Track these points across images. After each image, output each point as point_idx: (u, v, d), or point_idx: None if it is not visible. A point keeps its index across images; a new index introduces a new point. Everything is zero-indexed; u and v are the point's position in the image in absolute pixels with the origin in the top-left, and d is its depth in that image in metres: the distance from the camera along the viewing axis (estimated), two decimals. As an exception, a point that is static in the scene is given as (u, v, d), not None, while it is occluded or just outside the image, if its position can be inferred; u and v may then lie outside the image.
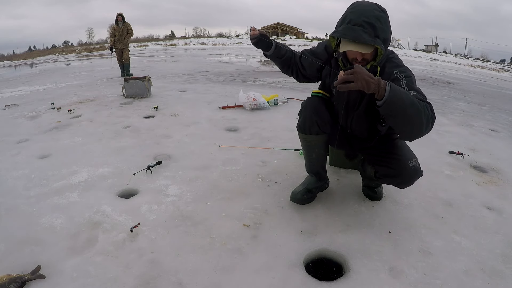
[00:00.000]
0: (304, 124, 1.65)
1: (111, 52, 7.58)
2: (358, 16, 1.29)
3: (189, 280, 1.24)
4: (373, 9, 1.31)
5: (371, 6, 1.33)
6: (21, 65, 15.56)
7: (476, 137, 3.16)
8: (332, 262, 1.38)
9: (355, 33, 1.27)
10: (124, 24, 7.08)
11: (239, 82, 6.25)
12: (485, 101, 5.77)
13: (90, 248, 1.41)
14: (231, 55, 15.30)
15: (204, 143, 2.66)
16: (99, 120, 3.44)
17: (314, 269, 1.33)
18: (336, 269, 1.34)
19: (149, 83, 4.68)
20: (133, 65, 8.50)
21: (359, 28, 1.27)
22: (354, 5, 1.35)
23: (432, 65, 16.77)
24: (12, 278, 1.18)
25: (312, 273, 1.30)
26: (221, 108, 3.86)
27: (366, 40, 1.26)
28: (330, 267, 1.35)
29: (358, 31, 1.27)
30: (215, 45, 28.43)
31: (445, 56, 29.36)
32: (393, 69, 1.40)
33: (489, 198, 1.91)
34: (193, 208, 1.72)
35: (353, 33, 1.27)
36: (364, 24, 1.28)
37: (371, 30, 1.28)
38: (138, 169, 2.12)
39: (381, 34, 1.30)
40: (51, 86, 6.40)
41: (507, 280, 1.26)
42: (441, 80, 8.81)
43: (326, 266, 1.36)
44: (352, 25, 1.28)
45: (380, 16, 1.31)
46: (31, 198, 1.83)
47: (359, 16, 1.29)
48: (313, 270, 1.33)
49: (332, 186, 1.93)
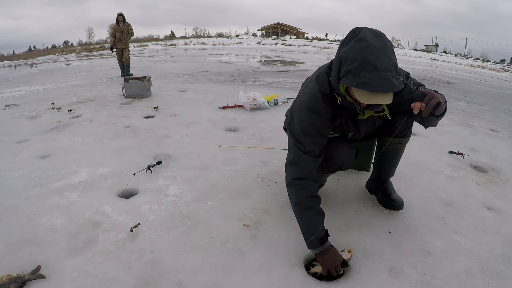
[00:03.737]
0: (330, 169, 1.51)
1: (111, 52, 7.58)
2: (381, 59, 1.07)
3: (189, 280, 1.24)
4: (387, 43, 1.11)
5: (383, 39, 1.11)
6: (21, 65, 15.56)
7: (476, 137, 3.16)
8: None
9: (388, 82, 1.06)
10: (125, 24, 7.08)
11: (239, 82, 6.25)
12: (485, 101, 5.77)
13: (90, 248, 1.41)
14: (231, 55, 15.30)
15: (204, 143, 2.66)
16: (99, 120, 3.44)
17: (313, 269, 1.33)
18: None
19: (149, 83, 4.68)
20: (133, 65, 8.50)
21: (388, 74, 1.06)
22: (366, 42, 1.09)
23: (432, 65, 16.77)
24: (12, 278, 1.18)
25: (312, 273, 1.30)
26: (221, 108, 3.86)
27: (399, 87, 1.08)
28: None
29: (389, 79, 1.06)
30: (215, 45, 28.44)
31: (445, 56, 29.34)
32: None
33: (489, 198, 1.91)
34: (193, 208, 1.72)
35: (386, 83, 1.06)
36: (391, 67, 1.07)
37: (395, 72, 1.09)
38: (138, 169, 2.12)
39: (398, 69, 1.18)
40: (51, 86, 6.40)
41: (507, 280, 1.26)
42: (441, 80, 8.81)
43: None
44: (379, 72, 1.06)
45: (392, 48, 1.13)
46: (31, 198, 1.83)
47: (382, 58, 1.07)
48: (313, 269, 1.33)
49: (332, 186, 1.93)
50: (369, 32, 1.12)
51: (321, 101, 1.29)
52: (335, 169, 1.55)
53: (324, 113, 1.30)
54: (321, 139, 1.33)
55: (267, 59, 13.77)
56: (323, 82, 1.30)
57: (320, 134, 1.32)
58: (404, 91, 1.34)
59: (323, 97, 1.30)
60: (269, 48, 24.32)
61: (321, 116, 1.30)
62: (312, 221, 1.29)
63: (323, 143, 1.35)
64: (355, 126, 1.44)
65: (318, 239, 1.26)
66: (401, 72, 1.37)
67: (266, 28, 47.47)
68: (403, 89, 1.34)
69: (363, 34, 1.11)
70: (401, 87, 1.09)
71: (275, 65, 10.91)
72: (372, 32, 1.12)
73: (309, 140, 1.31)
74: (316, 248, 1.28)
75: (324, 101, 1.30)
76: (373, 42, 1.08)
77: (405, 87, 1.34)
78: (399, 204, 1.69)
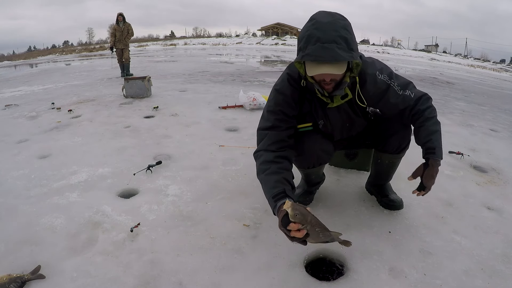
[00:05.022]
0: (307, 162, 1.53)
1: (111, 52, 7.59)
2: (326, 31, 1.11)
3: (189, 280, 1.24)
4: (338, 19, 1.15)
5: (333, 16, 1.16)
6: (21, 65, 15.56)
7: (476, 137, 3.16)
8: (332, 262, 1.38)
9: (331, 52, 1.09)
10: (125, 24, 7.08)
11: (239, 82, 6.25)
12: (485, 101, 5.77)
13: (90, 248, 1.41)
14: (231, 55, 15.30)
15: (204, 143, 2.66)
16: (99, 120, 3.44)
17: (314, 269, 1.33)
18: (336, 269, 1.34)
19: (149, 83, 4.68)
20: (133, 65, 8.50)
21: (332, 45, 1.09)
22: (314, 20, 1.15)
23: (432, 65, 16.77)
24: (12, 278, 1.18)
25: (312, 273, 1.30)
26: (221, 108, 3.86)
27: (344, 57, 1.10)
28: (330, 267, 1.35)
29: (333, 49, 1.09)
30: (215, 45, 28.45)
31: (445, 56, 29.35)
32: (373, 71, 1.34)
33: (489, 198, 1.91)
34: (193, 208, 1.72)
35: (329, 52, 1.09)
36: (337, 39, 1.10)
37: (345, 44, 1.11)
38: (138, 169, 2.12)
39: (354, 46, 1.16)
40: (51, 86, 6.40)
41: (507, 280, 1.26)
42: (441, 80, 8.81)
43: (326, 266, 1.36)
44: (323, 44, 1.10)
45: (347, 25, 1.15)
46: (31, 198, 1.83)
47: (327, 31, 1.11)
48: (313, 270, 1.33)
49: (332, 186, 1.93)
50: (322, 12, 1.19)
51: (287, 84, 1.37)
52: (311, 161, 1.52)
53: (288, 94, 1.36)
54: (285, 117, 1.35)
55: (267, 59, 13.77)
56: (293, 67, 1.36)
57: (283, 112, 1.35)
58: (389, 94, 1.36)
59: (289, 80, 1.37)
60: (269, 48, 24.33)
61: (285, 96, 1.36)
62: (266, 180, 1.22)
63: (288, 121, 1.36)
64: (324, 115, 1.44)
65: (271, 196, 1.16)
66: (383, 71, 1.37)
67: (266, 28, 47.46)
68: (388, 92, 1.36)
69: (315, 14, 1.19)
70: (350, 59, 1.12)
71: (275, 65, 10.91)
72: (325, 12, 1.19)
73: (272, 117, 1.35)
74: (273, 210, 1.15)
75: (290, 83, 1.36)
76: (321, 19, 1.14)
77: (389, 90, 1.36)
78: (399, 204, 1.69)
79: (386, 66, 1.42)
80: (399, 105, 1.38)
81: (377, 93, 1.37)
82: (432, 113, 1.36)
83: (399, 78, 1.41)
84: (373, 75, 1.35)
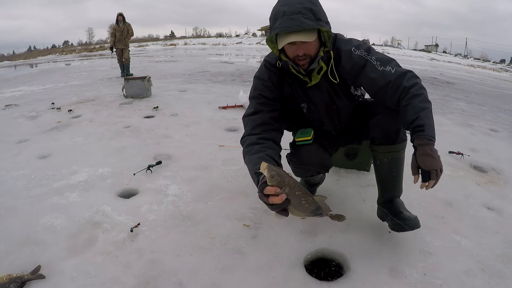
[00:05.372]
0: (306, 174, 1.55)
1: (111, 52, 7.59)
2: (291, 5, 1.15)
3: (189, 280, 1.24)
4: None
5: None
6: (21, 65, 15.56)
7: (476, 137, 3.16)
8: (332, 262, 1.38)
9: (296, 21, 1.12)
10: (125, 24, 7.08)
11: (239, 82, 6.24)
12: (485, 101, 5.77)
13: (90, 248, 1.41)
14: (231, 55, 15.30)
15: (204, 143, 2.66)
16: (99, 120, 3.44)
17: (314, 269, 1.33)
18: (336, 269, 1.34)
19: (149, 83, 4.68)
20: (133, 65, 8.50)
21: (297, 15, 1.13)
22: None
23: (432, 65, 16.78)
24: (12, 278, 1.18)
25: (312, 273, 1.30)
26: (221, 108, 3.86)
27: (310, 24, 1.13)
28: (330, 267, 1.35)
29: (298, 18, 1.13)
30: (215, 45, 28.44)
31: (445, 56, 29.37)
32: (348, 47, 1.29)
33: (489, 198, 1.91)
34: (193, 208, 1.72)
35: (294, 22, 1.12)
36: (302, 10, 1.14)
37: (311, 14, 1.15)
38: (138, 169, 2.12)
39: (322, 17, 1.18)
40: (51, 86, 6.40)
41: (507, 280, 1.26)
42: (441, 80, 8.81)
43: (326, 266, 1.36)
44: (289, 16, 1.14)
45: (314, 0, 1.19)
46: (31, 198, 1.83)
47: (292, 5, 1.15)
48: (313, 270, 1.33)
49: (332, 186, 1.93)
50: None
51: (264, 69, 1.40)
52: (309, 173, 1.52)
53: (266, 79, 1.37)
54: (266, 100, 1.36)
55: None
56: (271, 54, 1.40)
57: (263, 96, 1.36)
58: (367, 68, 1.27)
59: (266, 65, 1.40)
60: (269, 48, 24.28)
61: (263, 81, 1.37)
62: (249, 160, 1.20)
63: (270, 104, 1.36)
64: (305, 95, 1.41)
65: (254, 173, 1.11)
66: (360, 47, 1.31)
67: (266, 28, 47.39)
68: (365, 67, 1.27)
69: None
70: (317, 27, 1.14)
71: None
72: None
73: (253, 102, 1.37)
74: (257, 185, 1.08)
75: (268, 68, 1.39)
76: None
77: (367, 64, 1.27)
78: (413, 223, 1.34)
79: (365, 44, 1.35)
80: (379, 80, 1.25)
81: (354, 69, 1.29)
82: (419, 90, 1.20)
83: (379, 54, 1.31)
84: (348, 51, 1.30)
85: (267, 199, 0.94)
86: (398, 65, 1.28)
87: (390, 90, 1.24)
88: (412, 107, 1.16)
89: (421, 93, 1.20)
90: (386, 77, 1.24)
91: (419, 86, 1.22)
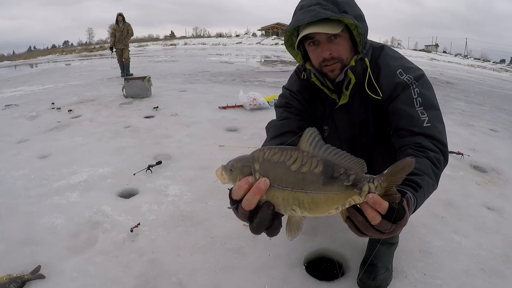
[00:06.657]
0: None
1: (111, 52, 7.59)
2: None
3: (189, 280, 1.24)
4: None
5: None
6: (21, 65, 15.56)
7: (476, 137, 3.16)
8: (332, 262, 1.37)
9: (312, 12, 0.96)
10: (125, 24, 7.08)
11: (239, 82, 6.25)
12: (485, 101, 5.76)
13: (90, 248, 1.41)
14: (231, 55, 15.30)
15: (204, 143, 2.66)
16: (99, 120, 3.44)
17: (314, 269, 1.33)
18: (336, 269, 1.34)
19: (149, 83, 4.68)
20: (133, 65, 8.50)
21: (314, 7, 0.97)
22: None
23: (432, 65, 16.77)
24: (12, 278, 1.18)
25: (312, 273, 1.30)
26: (221, 108, 3.86)
27: (328, 14, 0.95)
28: (330, 267, 1.35)
29: (315, 10, 0.96)
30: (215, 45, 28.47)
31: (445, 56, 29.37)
32: (395, 65, 1.05)
33: (489, 198, 1.91)
34: (193, 208, 1.72)
35: (309, 13, 0.97)
36: (321, 2, 0.97)
37: (332, 6, 0.97)
38: (138, 169, 2.12)
39: (349, 10, 0.98)
40: (51, 86, 6.40)
41: (507, 280, 1.26)
42: (441, 80, 8.81)
43: (326, 266, 1.36)
44: (306, 8, 0.99)
45: None
46: (31, 198, 1.83)
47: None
48: (313, 270, 1.33)
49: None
50: None
51: (296, 78, 1.24)
52: None
53: (295, 91, 1.22)
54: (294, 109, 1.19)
55: (267, 59, 13.76)
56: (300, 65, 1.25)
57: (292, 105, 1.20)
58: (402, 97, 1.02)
59: (298, 74, 1.24)
60: (269, 48, 24.32)
61: (291, 92, 1.23)
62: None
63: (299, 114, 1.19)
64: (331, 117, 1.21)
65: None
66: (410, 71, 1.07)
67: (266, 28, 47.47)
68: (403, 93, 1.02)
69: None
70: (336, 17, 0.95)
71: (275, 65, 10.91)
72: None
73: (280, 109, 1.22)
74: None
75: (299, 77, 1.23)
76: None
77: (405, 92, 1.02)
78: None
79: (418, 69, 1.08)
80: (401, 118, 1.00)
81: (391, 94, 1.04)
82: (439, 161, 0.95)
83: (429, 91, 1.05)
84: (393, 70, 1.05)
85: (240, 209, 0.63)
86: (440, 121, 1.03)
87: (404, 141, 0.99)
88: (423, 161, 0.91)
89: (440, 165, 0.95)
90: (413, 123, 0.98)
91: (441, 160, 0.97)
